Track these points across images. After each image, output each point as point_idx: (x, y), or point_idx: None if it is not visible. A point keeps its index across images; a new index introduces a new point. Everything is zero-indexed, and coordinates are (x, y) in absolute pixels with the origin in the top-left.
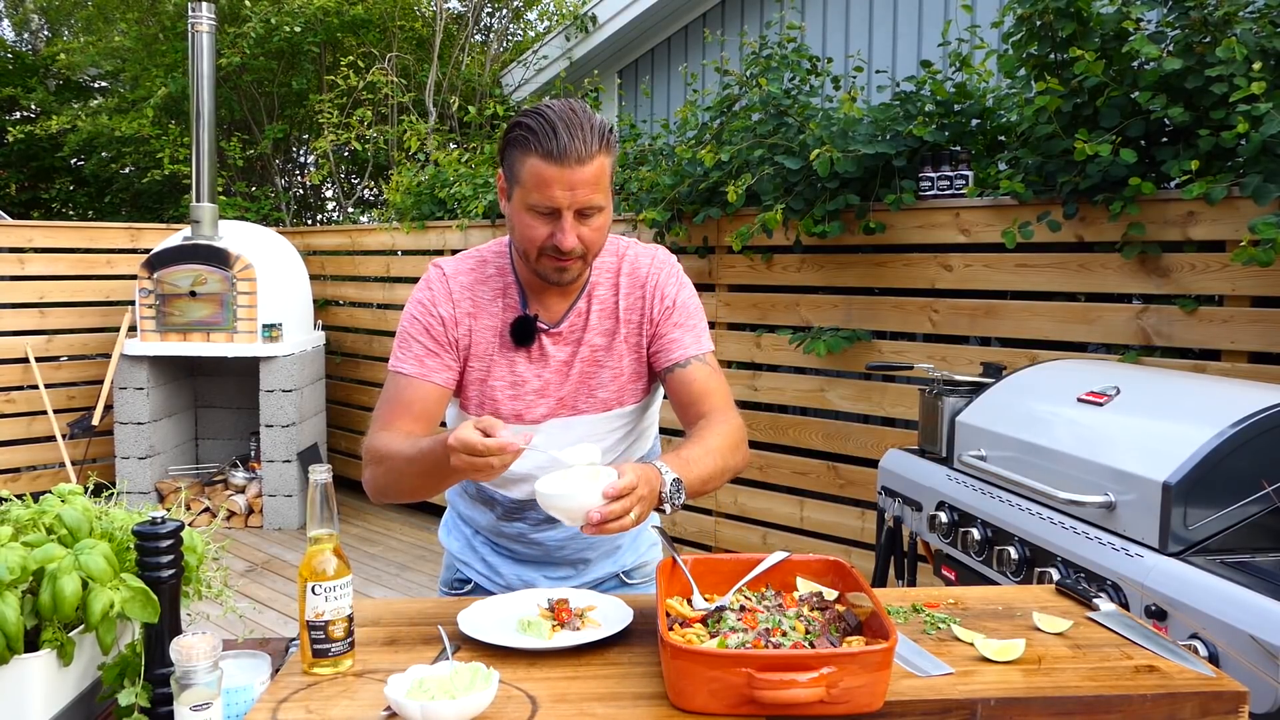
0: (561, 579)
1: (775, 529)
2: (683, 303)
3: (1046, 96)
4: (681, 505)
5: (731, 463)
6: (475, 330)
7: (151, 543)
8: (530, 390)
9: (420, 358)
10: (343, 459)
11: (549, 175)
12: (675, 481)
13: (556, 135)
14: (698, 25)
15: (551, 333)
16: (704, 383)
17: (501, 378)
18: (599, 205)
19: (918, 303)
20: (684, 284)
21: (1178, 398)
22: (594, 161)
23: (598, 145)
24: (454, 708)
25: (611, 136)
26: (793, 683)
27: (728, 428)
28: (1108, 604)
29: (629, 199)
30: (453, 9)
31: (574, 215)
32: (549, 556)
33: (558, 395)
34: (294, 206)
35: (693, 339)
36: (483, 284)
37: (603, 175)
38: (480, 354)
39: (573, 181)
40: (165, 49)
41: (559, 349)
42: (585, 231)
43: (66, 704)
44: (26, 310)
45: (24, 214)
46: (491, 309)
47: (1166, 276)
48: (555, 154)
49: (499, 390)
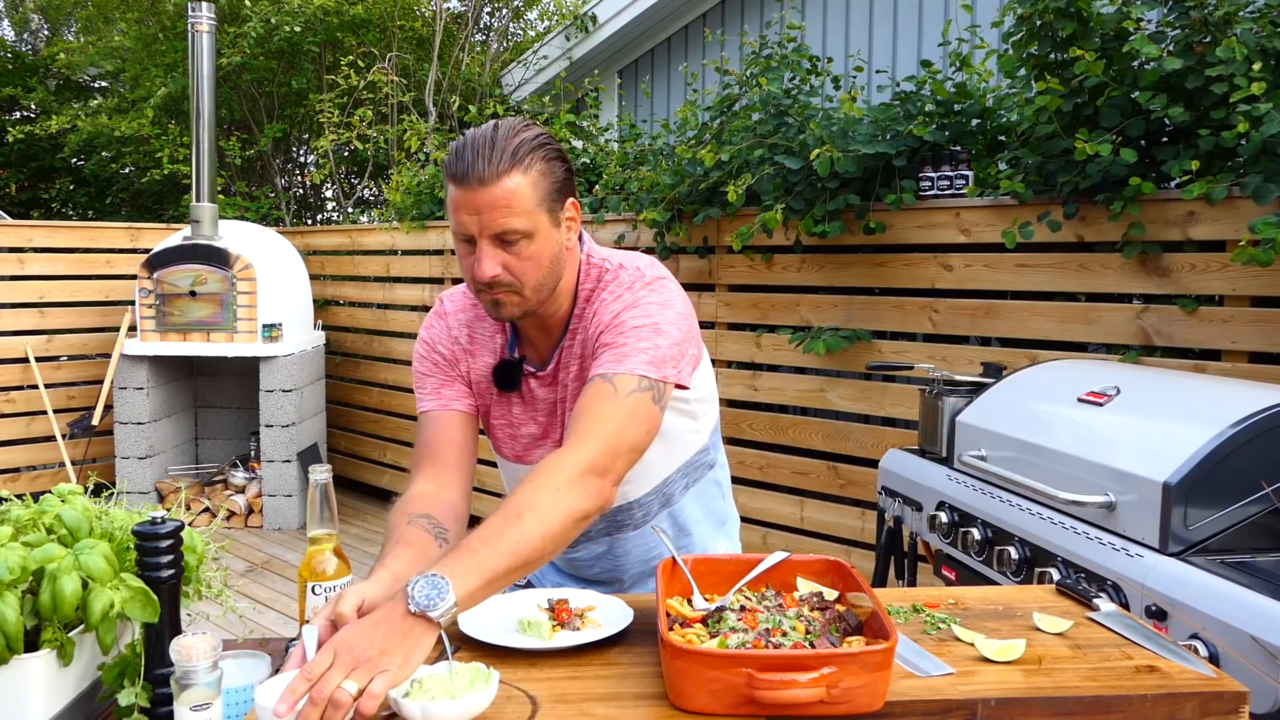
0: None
1: (775, 529)
2: (620, 321)
3: (1047, 96)
4: (452, 607)
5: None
6: (474, 369)
7: (151, 543)
8: (525, 434)
9: (437, 390)
10: (343, 459)
11: (456, 199)
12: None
13: (460, 157)
14: (698, 25)
15: (539, 375)
16: (590, 400)
17: (500, 417)
18: (516, 229)
19: (918, 303)
20: (636, 301)
21: (1178, 398)
22: (500, 183)
23: (507, 164)
24: (454, 708)
25: (536, 155)
26: (793, 683)
27: (543, 474)
28: (1108, 604)
29: (629, 199)
30: (453, 9)
31: (494, 242)
32: (579, 574)
33: (554, 439)
34: (294, 206)
35: (611, 357)
36: (481, 320)
37: (516, 197)
38: (481, 391)
39: (477, 205)
40: (165, 49)
41: (547, 391)
42: (511, 260)
43: (66, 704)
44: (26, 310)
45: (24, 214)
46: (490, 345)
47: (1166, 276)
48: (458, 176)
49: (499, 429)
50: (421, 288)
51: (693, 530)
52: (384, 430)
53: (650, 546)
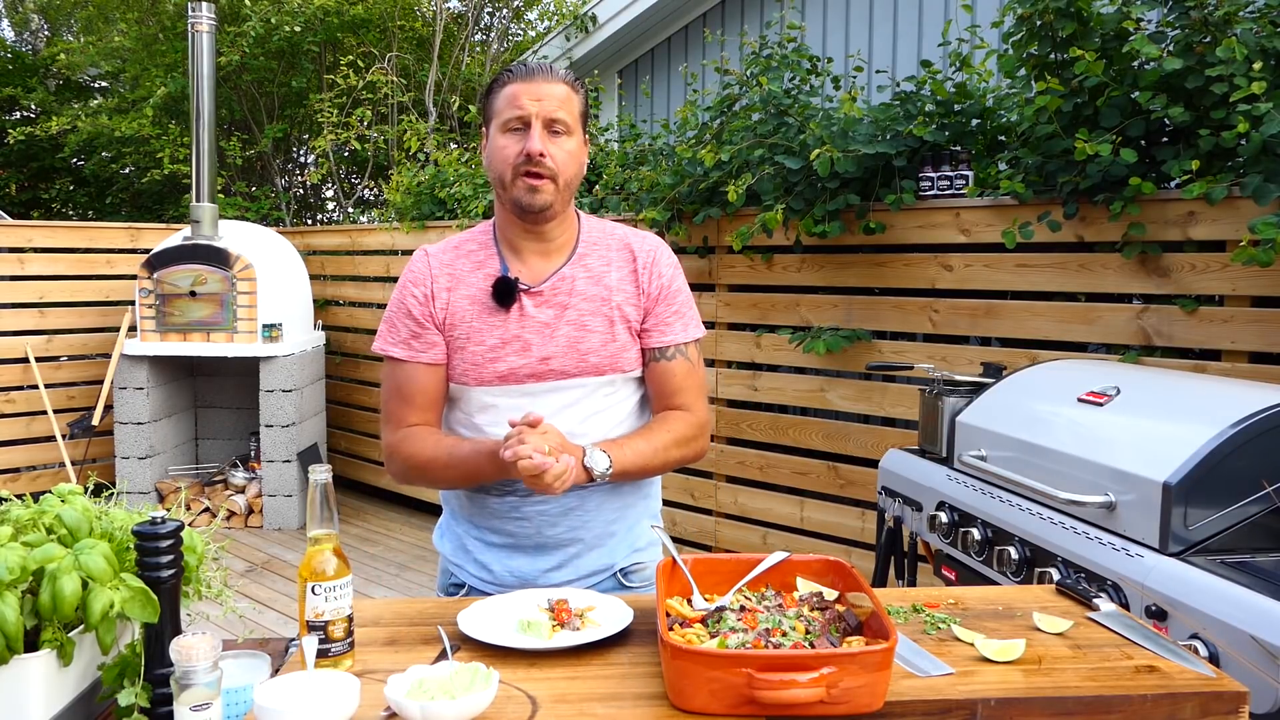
0: (554, 569)
1: (775, 529)
2: (678, 287)
3: (1047, 96)
4: (608, 474)
5: (675, 455)
6: (453, 302)
7: (151, 543)
8: (512, 351)
9: (406, 340)
10: (343, 459)
11: (518, 90)
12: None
13: (526, 65)
14: (698, 25)
15: (533, 292)
16: (680, 379)
17: (481, 342)
18: (564, 121)
19: (918, 303)
20: (678, 268)
21: (1178, 398)
22: (560, 86)
23: (561, 76)
24: (454, 708)
25: (576, 83)
26: (793, 683)
27: (680, 424)
28: (1108, 604)
29: (629, 199)
30: (453, 9)
31: (546, 128)
32: (540, 536)
33: (540, 354)
34: (294, 206)
35: (681, 326)
36: (462, 258)
37: (569, 102)
38: (459, 322)
39: (539, 93)
40: (165, 49)
41: (541, 310)
42: (554, 149)
43: (66, 704)
44: (26, 310)
45: (24, 214)
46: (470, 279)
47: (1166, 276)
48: (523, 75)
49: (479, 354)
50: None
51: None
52: None
53: (613, 511)
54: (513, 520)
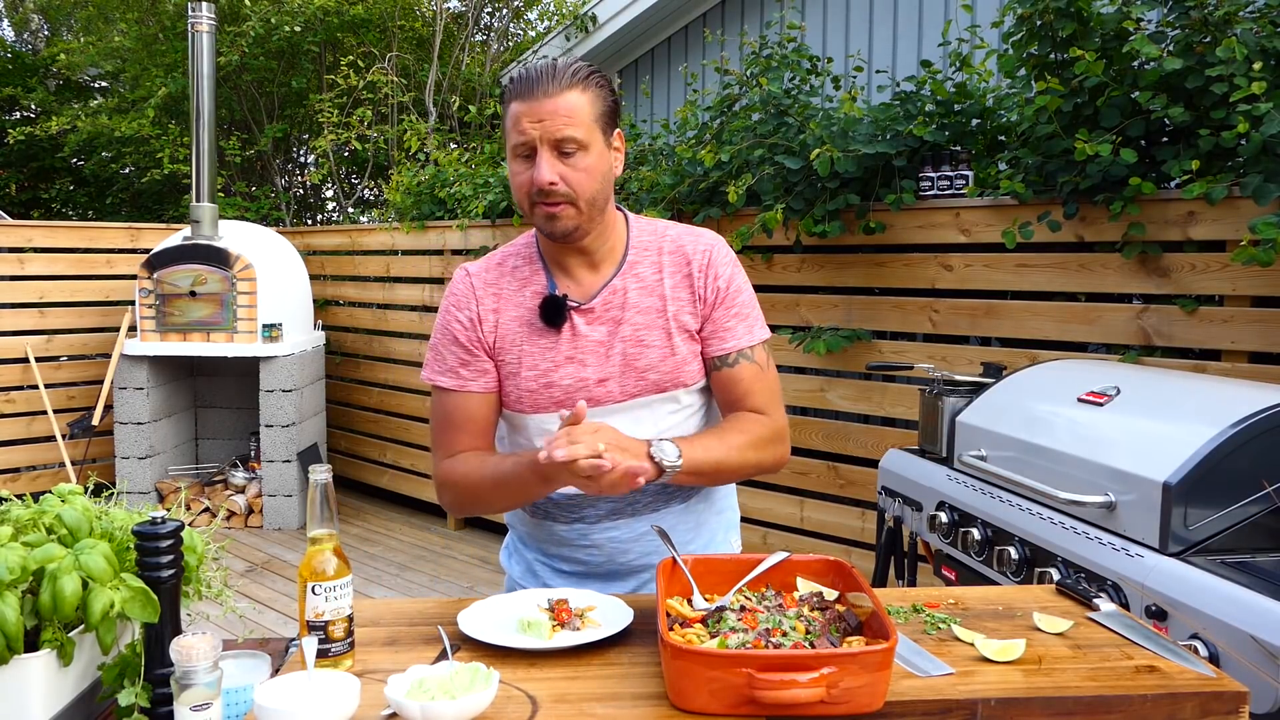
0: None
1: (775, 529)
2: (737, 287)
3: (1047, 96)
4: (678, 469)
5: (752, 458)
6: (501, 324)
7: (151, 543)
8: (567, 375)
9: (454, 369)
10: (343, 459)
11: (519, 111)
12: (669, 447)
13: (524, 78)
14: (698, 25)
15: (584, 309)
16: (748, 383)
17: (534, 367)
18: (575, 138)
19: (918, 303)
20: (737, 266)
21: (1178, 398)
22: (562, 95)
23: (568, 82)
24: (454, 708)
25: (591, 80)
26: (793, 683)
27: (756, 425)
28: (1108, 604)
29: (629, 199)
30: (453, 9)
31: (552, 151)
32: (613, 563)
33: (597, 376)
34: (294, 206)
35: (745, 329)
36: (506, 277)
37: (576, 110)
38: (510, 345)
39: (541, 112)
40: (165, 49)
41: (594, 328)
42: (567, 171)
43: (66, 704)
44: (26, 310)
45: (24, 214)
46: (517, 299)
47: (1166, 276)
48: (523, 92)
49: (533, 379)
50: (421, 288)
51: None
52: (384, 430)
53: (688, 530)
54: (583, 549)
